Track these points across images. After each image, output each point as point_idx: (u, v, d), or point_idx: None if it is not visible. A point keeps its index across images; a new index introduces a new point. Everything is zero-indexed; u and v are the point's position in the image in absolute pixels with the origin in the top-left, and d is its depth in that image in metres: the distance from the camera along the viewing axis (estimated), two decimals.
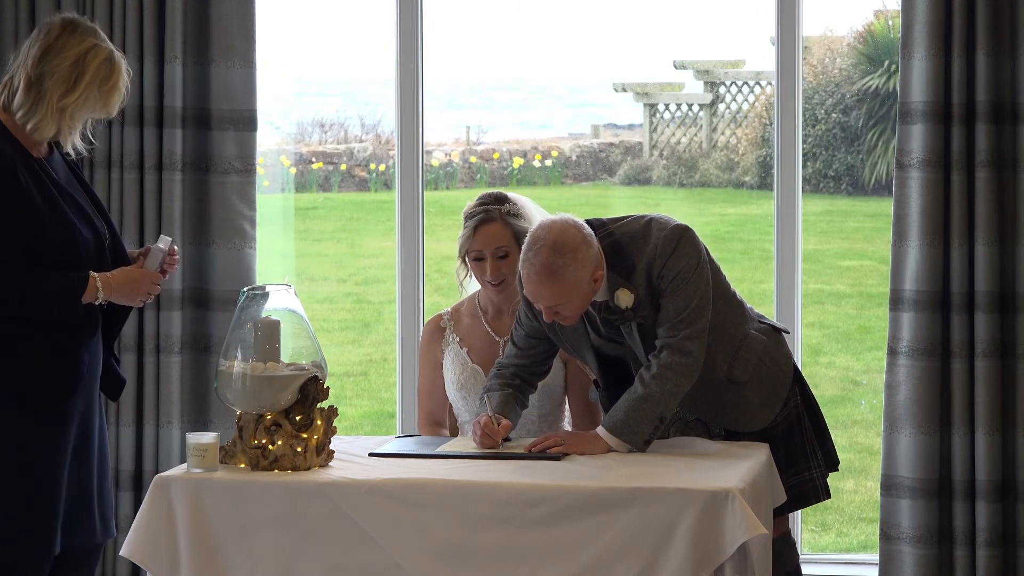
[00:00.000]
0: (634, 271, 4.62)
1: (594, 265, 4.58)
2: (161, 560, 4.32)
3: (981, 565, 5.54)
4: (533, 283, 4.57)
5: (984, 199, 5.50)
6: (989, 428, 5.52)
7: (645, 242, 4.63)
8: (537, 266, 4.54)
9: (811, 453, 4.83)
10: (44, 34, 4.59)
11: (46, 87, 4.54)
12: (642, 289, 4.63)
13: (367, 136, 12.71)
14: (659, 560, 4.12)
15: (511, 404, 4.78)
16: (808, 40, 11.46)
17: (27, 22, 5.90)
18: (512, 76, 12.92)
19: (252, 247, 5.92)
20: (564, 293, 4.56)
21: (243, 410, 4.44)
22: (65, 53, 4.56)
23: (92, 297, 4.54)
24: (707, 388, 4.71)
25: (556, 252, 4.53)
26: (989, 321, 5.51)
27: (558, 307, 4.59)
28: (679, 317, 4.59)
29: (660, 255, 4.60)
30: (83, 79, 4.57)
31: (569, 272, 4.53)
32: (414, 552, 4.22)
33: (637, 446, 4.56)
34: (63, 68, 4.55)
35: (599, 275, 4.60)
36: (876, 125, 11.55)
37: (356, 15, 11.54)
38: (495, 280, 5.04)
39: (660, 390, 4.56)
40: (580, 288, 4.57)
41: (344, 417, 9.46)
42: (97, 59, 4.60)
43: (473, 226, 5.04)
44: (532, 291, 4.59)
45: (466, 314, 5.20)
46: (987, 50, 5.46)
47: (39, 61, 4.55)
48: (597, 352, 4.79)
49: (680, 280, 4.59)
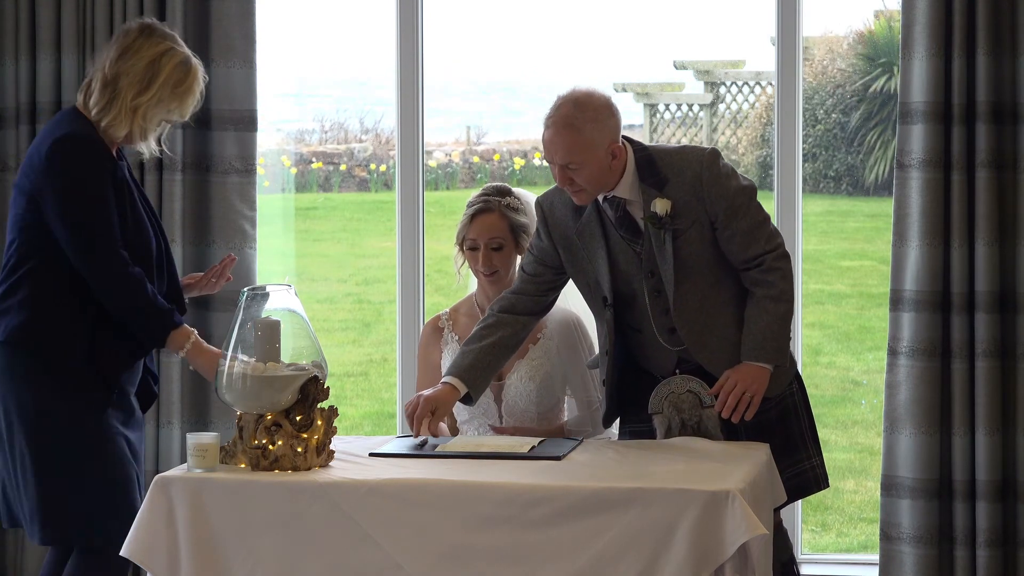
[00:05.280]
0: (667, 183, 4.68)
1: (613, 135, 4.65)
2: (161, 560, 4.32)
3: (981, 565, 5.54)
4: (550, 134, 4.63)
5: (984, 199, 5.50)
6: (989, 428, 5.52)
7: (681, 158, 4.71)
8: (556, 118, 4.62)
9: (809, 442, 4.85)
10: (122, 36, 4.71)
11: (120, 87, 4.65)
12: (679, 201, 4.68)
13: (367, 136, 12.71)
14: (659, 560, 4.12)
15: (480, 367, 4.80)
16: (808, 40, 11.46)
17: (27, 22, 5.90)
18: (512, 76, 12.92)
19: (252, 247, 5.92)
20: (579, 149, 4.60)
21: (243, 410, 4.44)
22: (141, 54, 4.68)
23: (177, 347, 4.69)
24: (717, 340, 4.75)
25: (577, 107, 4.61)
26: (989, 321, 5.51)
27: (572, 168, 4.62)
28: (754, 227, 4.70)
29: (709, 172, 4.68)
30: (157, 80, 4.68)
31: (587, 129, 4.60)
32: (414, 552, 4.22)
33: (787, 360, 4.76)
34: (138, 69, 4.67)
35: (617, 150, 4.66)
36: (876, 125, 11.56)
37: (356, 15, 11.55)
38: (487, 270, 5.08)
39: (787, 307, 4.71)
40: (595, 151, 4.62)
41: (344, 417, 9.46)
42: (172, 61, 4.70)
43: (471, 214, 5.09)
44: (548, 143, 4.65)
45: (464, 313, 5.22)
46: (987, 50, 5.47)
47: (115, 62, 4.67)
48: (611, 274, 4.78)
49: (743, 197, 4.70)
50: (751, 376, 4.70)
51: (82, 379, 4.62)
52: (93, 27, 5.85)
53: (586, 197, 4.70)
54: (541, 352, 5.11)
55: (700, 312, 4.75)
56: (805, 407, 4.88)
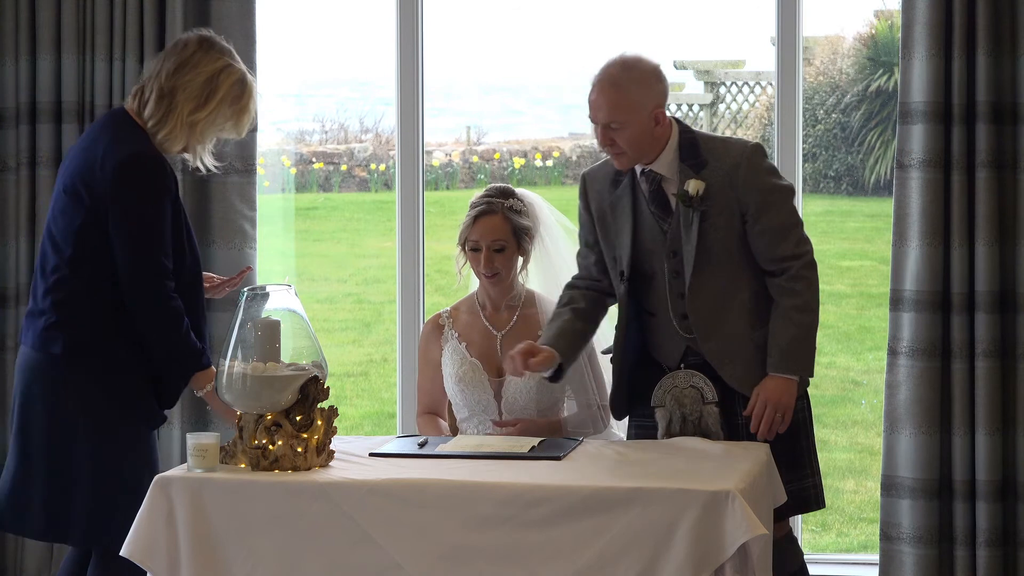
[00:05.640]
0: (705, 166, 4.71)
1: (658, 100, 4.70)
2: (161, 560, 4.32)
3: (981, 565, 5.54)
4: (595, 93, 4.69)
5: (984, 199, 5.50)
6: (989, 428, 5.52)
7: (724, 145, 4.75)
8: (602, 77, 4.69)
9: (813, 460, 4.85)
10: (180, 49, 4.68)
11: (177, 100, 4.63)
12: (714, 185, 4.70)
13: (367, 136, 12.71)
14: (659, 560, 4.12)
15: (567, 332, 4.84)
16: (808, 40, 11.45)
17: (27, 22, 5.90)
18: (512, 76, 12.92)
19: (252, 247, 5.92)
20: (622, 109, 4.65)
21: (243, 410, 4.44)
22: (200, 69, 4.66)
23: (198, 386, 4.71)
24: (726, 334, 4.76)
25: (624, 68, 4.68)
26: (989, 321, 5.51)
27: (613, 127, 4.67)
28: (784, 227, 4.71)
29: (748, 162, 4.70)
30: (215, 97, 4.66)
31: (632, 90, 4.66)
32: (414, 552, 4.22)
33: (813, 372, 4.76)
34: (196, 84, 4.65)
35: (660, 116, 4.70)
36: (876, 125, 11.56)
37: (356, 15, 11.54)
38: (488, 272, 5.08)
39: (812, 318, 4.71)
40: (638, 113, 4.66)
41: (344, 417, 9.46)
42: (230, 78, 4.68)
43: (474, 216, 5.09)
44: (593, 103, 4.69)
45: (465, 311, 5.22)
46: (987, 50, 5.47)
47: (172, 74, 4.64)
48: (633, 248, 4.81)
49: (777, 195, 4.72)
50: (778, 392, 4.70)
51: (137, 390, 4.65)
52: (93, 27, 5.85)
53: (626, 161, 4.73)
54: None
55: (714, 301, 4.75)
56: (810, 425, 4.88)
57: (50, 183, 5.87)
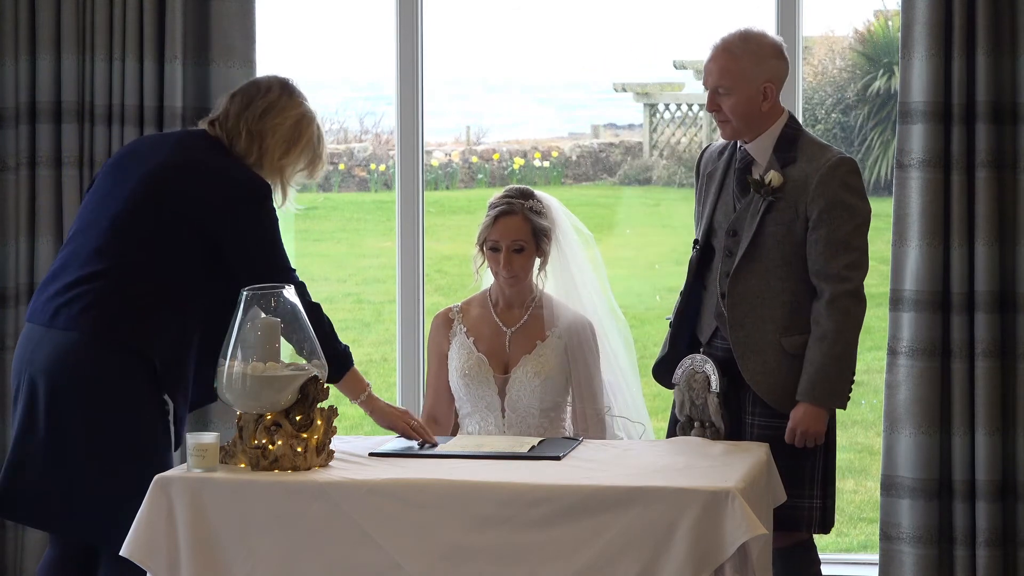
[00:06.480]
0: (793, 163, 4.76)
1: (771, 74, 4.78)
2: (161, 560, 4.32)
3: (981, 565, 5.54)
4: (710, 58, 4.80)
5: (984, 199, 5.50)
6: (989, 428, 5.52)
7: (819, 149, 4.79)
8: (720, 42, 4.80)
9: (817, 483, 4.84)
10: (264, 93, 4.77)
11: (267, 145, 4.72)
12: (792, 183, 4.74)
13: (367, 136, 12.71)
14: (659, 560, 4.12)
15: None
16: (808, 40, 11.45)
17: (27, 22, 5.89)
18: (512, 76, 12.92)
19: None
20: (730, 75, 4.74)
21: (243, 410, 4.44)
22: (286, 114, 4.76)
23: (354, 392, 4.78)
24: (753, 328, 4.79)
25: (743, 38, 4.80)
26: (989, 321, 5.51)
27: (720, 92, 4.76)
28: (839, 243, 4.72)
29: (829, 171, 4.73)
30: (300, 142, 4.77)
31: (744, 59, 4.75)
32: (414, 552, 4.22)
33: (843, 405, 4.79)
34: (284, 129, 4.74)
35: (770, 91, 4.78)
36: (876, 125, 11.55)
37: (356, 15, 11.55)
38: (507, 273, 5.09)
39: (843, 349, 4.71)
40: (747, 82, 4.75)
41: (344, 417, 9.45)
42: (312, 125, 4.80)
43: (494, 216, 5.11)
44: (706, 67, 4.80)
45: (476, 306, 5.25)
46: (987, 50, 5.46)
47: (260, 118, 4.73)
48: (711, 219, 4.88)
49: (843, 210, 4.73)
50: (807, 421, 4.75)
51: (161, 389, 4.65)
52: (93, 27, 5.85)
53: (729, 131, 4.82)
54: (549, 349, 5.13)
55: (753, 292, 4.79)
56: (824, 448, 4.86)
57: (50, 183, 5.87)
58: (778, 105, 4.83)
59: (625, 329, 5.32)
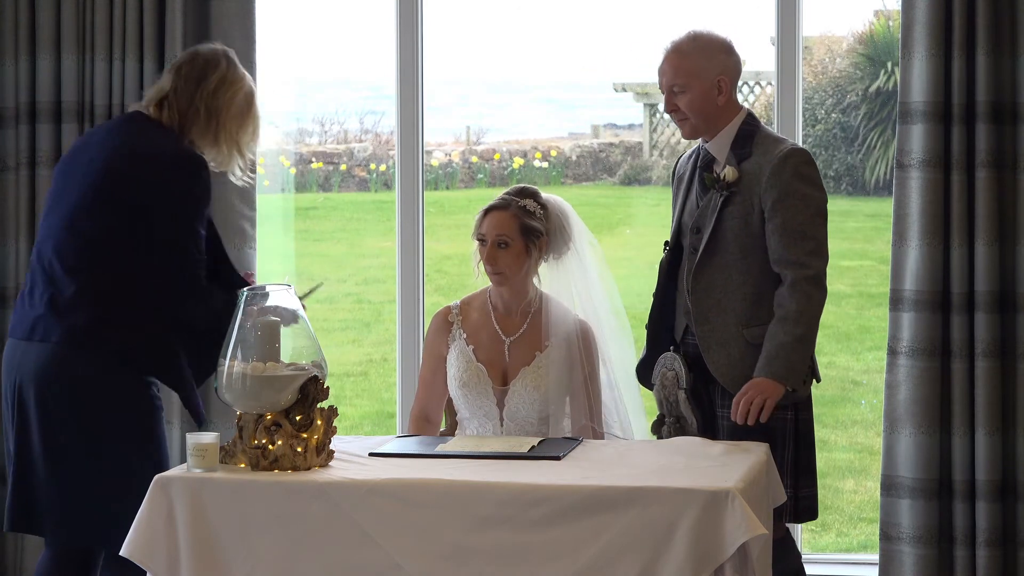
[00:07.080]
0: (748, 158, 4.82)
1: (723, 68, 4.85)
2: (161, 560, 4.32)
3: (981, 565, 5.54)
4: (662, 60, 4.90)
5: (984, 199, 5.50)
6: (989, 428, 5.52)
7: (773, 143, 4.84)
8: (670, 44, 4.91)
9: (789, 474, 4.85)
10: (213, 66, 4.71)
11: (223, 120, 4.69)
12: (747, 176, 4.78)
13: (367, 136, 12.71)
14: (659, 560, 4.12)
15: None
16: (808, 40, 11.45)
17: (27, 22, 5.90)
18: (512, 76, 12.92)
19: (252, 247, 5.92)
20: (682, 72, 4.83)
21: (243, 410, 4.44)
22: (236, 86, 4.72)
23: None
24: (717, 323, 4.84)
25: (692, 38, 4.90)
26: (989, 321, 5.51)
27: (676, 91, 4.84)
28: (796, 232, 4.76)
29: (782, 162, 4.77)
30: (251, 112, 4.75)
31: (695, 57, 4.84)
32: (414, 552, 4.22)
33: (798, 385, 4.77)
34: (237, 102, 4.71)
35: (724, 84, 4.84)
36: (876, 125, 11.55)
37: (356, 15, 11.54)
38: (490, 267, 5.06)
39: (804, 331, 4.72)
40: (700, 78, 4.82)
41: (344, 417, 9.46)
42: (254, 93, 4.77)
43: (485, 209, 5.11)
44: (660, 69, 4.91)
45: (476, 308, 5.20)
46: (987, 50, 5.46)
47: (214, 94, 4.68)
48: (679, 220, 4.96)
49: (796, 199, 4.77)
50: (761, 387, 4.74)
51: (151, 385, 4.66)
52: (93, 27, 5.85)
53: (689, 129, 4.88)
54: (546, 361, 5.09)
55: (716, 286, 4.84)
56: (798, 438, 4.88)
57: (50, 183, 5.87)
58: (735, 102, 4.89)
59: (631, 346, 5.29)
